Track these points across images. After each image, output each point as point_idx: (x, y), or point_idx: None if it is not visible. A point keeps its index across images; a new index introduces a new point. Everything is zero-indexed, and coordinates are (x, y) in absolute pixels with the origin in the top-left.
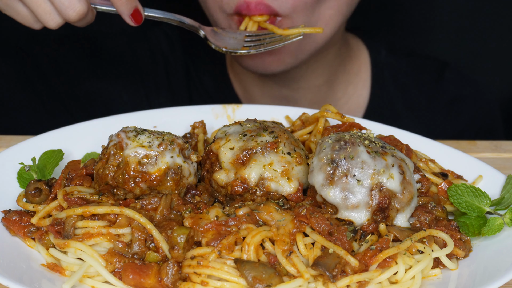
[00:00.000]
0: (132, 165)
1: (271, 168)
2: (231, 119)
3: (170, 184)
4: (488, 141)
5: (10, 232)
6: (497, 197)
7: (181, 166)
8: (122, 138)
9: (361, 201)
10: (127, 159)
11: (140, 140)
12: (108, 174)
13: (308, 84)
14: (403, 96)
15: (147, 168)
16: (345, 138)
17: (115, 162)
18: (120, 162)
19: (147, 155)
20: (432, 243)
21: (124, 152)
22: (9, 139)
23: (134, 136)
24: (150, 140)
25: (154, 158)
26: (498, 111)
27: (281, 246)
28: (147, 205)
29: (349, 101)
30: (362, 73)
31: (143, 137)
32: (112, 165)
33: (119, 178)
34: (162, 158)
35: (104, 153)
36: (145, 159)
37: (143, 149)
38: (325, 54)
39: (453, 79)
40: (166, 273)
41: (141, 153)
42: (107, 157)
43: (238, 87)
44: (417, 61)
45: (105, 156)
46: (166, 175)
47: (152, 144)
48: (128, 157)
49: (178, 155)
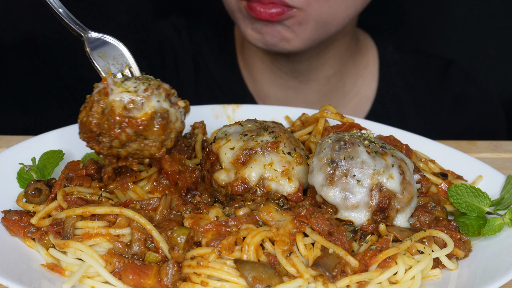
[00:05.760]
0: (118, 110)
1: (271, 168)
2: (231, 119)
3: (157, 129)
4: (488, 141)
5: (10, 232)
6: (497, 197)
7: (168, 110)
8: (107, 83)
9: (361, 201)
10: (112, 104)
11: (126, 86)
12: (92, 121)
13: (318, 76)
14: (409, 91)
15: (133, 113)
16: (345, 138)
17: (99, 109)
18: (105, 109)
19: (132, 100)
20: (432, 243)
21: (109, 97)
22: (9, 139)
23: (120, 82)
24: (136, 85)
25: (140, 102)
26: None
27: (281, 246)
28: (147, 206)
29: (358, 94)
30: (370, 67)
31: (129, 82)
32: (96, 111)
33: (104, 124)
34: (148, 103)
35: (88, 101)
36: (131, 104)
37: (129, 94)
38: (336, 44)
39: (458, 76)
40: (166, 273)
41: (126, 98)
42: (90, 104)
43: (247, 76)
44: (423, 58)
45: (89, 103)
46: (152, 119)
47: (138, 89)
48: (113, 102)
49: (164, 100)
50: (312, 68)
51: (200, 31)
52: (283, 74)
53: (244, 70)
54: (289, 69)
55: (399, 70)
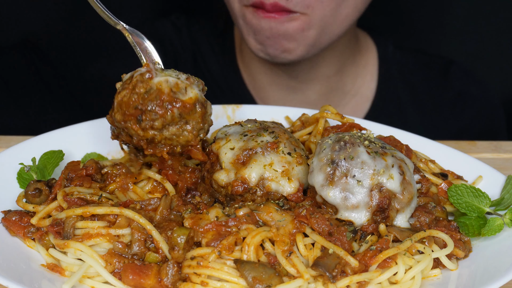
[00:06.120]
0: (166, 90)
1: (271, 168)
2: (231, 120)
3: (198, 114)
4: (488, 141)
5: (10, 232)
6: (497, 197)
7: (206, 101)
8: (151, 68)
9: (361, 201)
10: (160, 85)
11: (168, 73)
12: (138, 100)
13: (318, 75)
14: (409, 91)
15: (178, 96)
16: (345, 138)
17: (142, 89)
18: (149, 90)
19: (177, 84)
20: (432, 244)
21: (154, 79)
22: (9, 139)
23: (161, 69)
24: (177, 74)
25: (184, 88)
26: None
27: (281, 247)
28: (147, 206)
29: (358, 94)
30: (370, 66)
31: (169, 71)
32: (139, 92)
33: (153, 102)
34: (191, 89)
35: (129, 82)
36: (176, 88)
37: (173, 78)
38: (336, 44)
39: (458, 76)
40: (166, 273)
41: (172, 81)
42: (133, 84)
43: (247, 76)
44: (423, 57)
45: (130, 85)
46: (195, 105)
47: (180, 77)
48: (160, 84)
49: (201, 91)
50: (311, 68)
51: (200, 30)
52: (283, 74)
53: (243, 70)
54: (288, 69)
55: (399, 69)
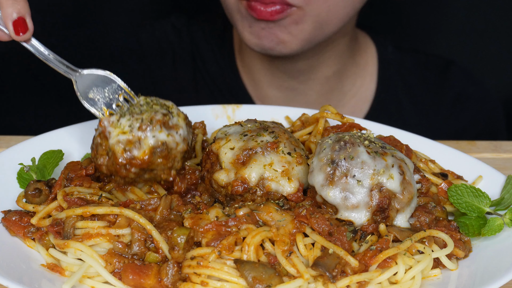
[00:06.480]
0: (119, 154)
1: (271, 168)
2: (231, 120)
3: (160, 161)
4: (488, 141)
5: (10, 232)
6: (497, 197)
7: (165, 142)
8: (105, 127)
9: (361, 201)
10: (114, 149)
11: (122, 126)
12: (102, 165)
13: (317, 75)
14: (408, 91)
15: (133, 153)
16: (345, 138)
17: (103, 151)
18: (108, 151)
19: (129, 141)
20: (432, 244)
21: (109, 142)
22: (9, 139)
23: (116, 122)
24: (131, 123)
25: (137, 142)
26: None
27: (281, 247)
28: (147, 206)
29: (357, 94)
30: (369, 67)
31: (124, 120)
32: (101, 154)
33: (111, 168)
34: (145, 140)
35: (94, 143)
36: (128, 146)
37: (125, 135)
38: (335, 44)
39: (458, 76)
40: (166, 273)
41: (124, 141)
42: (96, 147)
43: (246, 76)
44: (422, 57)
45: (95, 146)
46: (153, 154)
47: (133, 128)
48: (113, 147)
49: (160, 131)
50: (311, 68)
51: (200, 31)
52: (282, 75)
53: (243, 71)
54: (288, 69)
55: (399, 70)
